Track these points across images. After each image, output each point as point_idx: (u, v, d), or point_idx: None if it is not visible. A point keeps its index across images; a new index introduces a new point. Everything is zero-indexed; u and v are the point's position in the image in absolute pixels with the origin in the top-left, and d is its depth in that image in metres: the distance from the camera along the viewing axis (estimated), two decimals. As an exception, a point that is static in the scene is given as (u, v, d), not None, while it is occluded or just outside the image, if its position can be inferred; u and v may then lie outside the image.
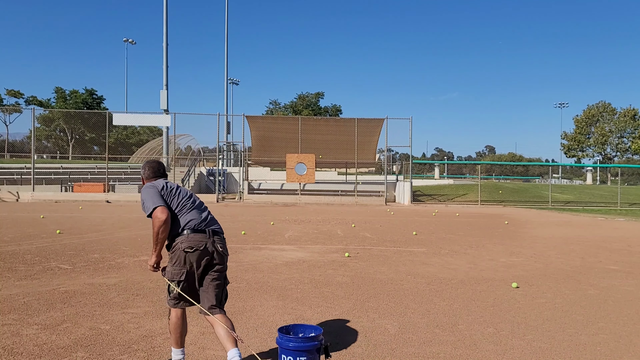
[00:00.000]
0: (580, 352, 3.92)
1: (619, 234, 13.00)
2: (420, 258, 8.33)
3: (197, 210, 3.43)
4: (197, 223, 3.34)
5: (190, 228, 3.31)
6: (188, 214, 3.36)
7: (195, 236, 3.30)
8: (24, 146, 59.50)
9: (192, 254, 3.27)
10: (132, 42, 62.56)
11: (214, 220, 3.50)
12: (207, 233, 3.34)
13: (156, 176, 3.54)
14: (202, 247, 3.29)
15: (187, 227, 3.31)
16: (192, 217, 3.35)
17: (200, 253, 3.29)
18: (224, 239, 3.48)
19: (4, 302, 5.04)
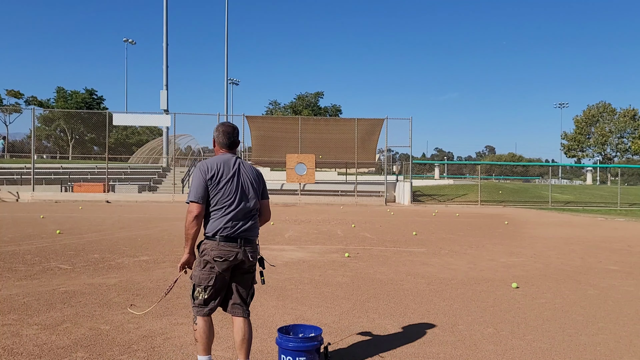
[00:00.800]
0: (580, 352, 3.92)
1: (619, 234, 13.00)
2: (420, 258, 8.33)
3: (238, 212, 3.15)
4: (231, 231, 3.12)
5: (222, 235, 3.11)
6: (226, 217, 3.13)
7: (226, 245, 3.11)
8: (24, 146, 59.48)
9: (221, 263, 3.12)
10: (132, 42, 62.57)
11: (251, 225, 3.22)
12: (238, 242, 3.13)
13: (226, 147, 3.29)
14: (231, 258, 3.12)
15: (220, 233, 3.11)
16: (227, 223, 3.12)
17: (229, 263, 3.14)
18: (255, 246, 3.25)
19: (4, 302, 5.04)
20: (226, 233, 3.11)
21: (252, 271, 3.32)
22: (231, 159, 3.23)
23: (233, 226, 3.13)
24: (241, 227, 3.16)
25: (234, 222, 3.13)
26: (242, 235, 3.15)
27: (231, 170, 3.18)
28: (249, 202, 3.20)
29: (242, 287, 3.29)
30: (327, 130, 29.16)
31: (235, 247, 3.13)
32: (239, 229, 3.15)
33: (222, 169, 3.15)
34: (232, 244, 3.12)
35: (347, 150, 28.41)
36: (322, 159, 28.42)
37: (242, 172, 3.23)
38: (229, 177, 3.15)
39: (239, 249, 3.13)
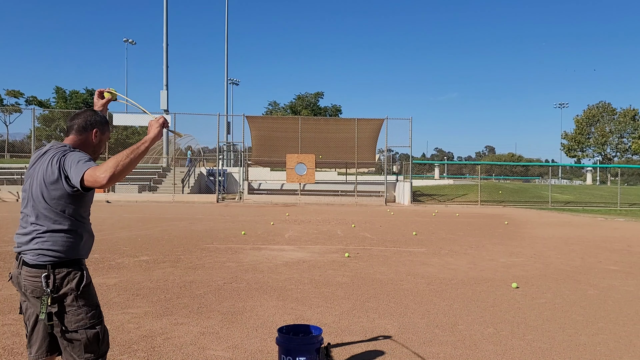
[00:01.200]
0: (580, 352, 3.92)
1: (619, 234, 13.00)
2: (420, 258, 8.33)
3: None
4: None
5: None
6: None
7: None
8: (24, 146, 59.48)
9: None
10: (132, 42, 62.57)
11: (25, 235, 2.37)
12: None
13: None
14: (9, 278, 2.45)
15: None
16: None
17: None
18: (34, 270, 2.31)
19: (4, 302, 5.04)
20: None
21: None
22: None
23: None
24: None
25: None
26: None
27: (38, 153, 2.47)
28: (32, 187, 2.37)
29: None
30: (327, 130, 29.17)
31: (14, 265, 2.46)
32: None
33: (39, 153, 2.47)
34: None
35: (347, 150, 28.41)
36: (322, 159, 28.42)
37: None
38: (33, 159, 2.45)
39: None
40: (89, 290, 2.35)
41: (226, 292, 5.68)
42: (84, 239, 2.39)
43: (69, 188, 2.24)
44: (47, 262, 2.27)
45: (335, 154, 28.84)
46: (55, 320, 2.28)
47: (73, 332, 2.28)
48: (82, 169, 2.16)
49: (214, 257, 7.99)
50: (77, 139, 2.45)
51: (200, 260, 7.73)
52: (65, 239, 2.30)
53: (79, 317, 2.29)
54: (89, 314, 2.32)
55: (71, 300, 2.29)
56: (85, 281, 2.33)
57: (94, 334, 2.31)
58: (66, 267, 2.30)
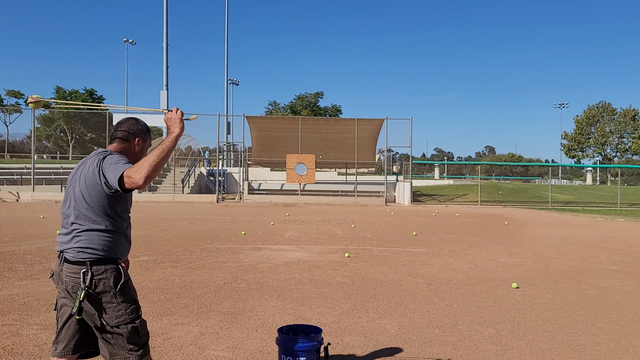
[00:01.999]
0: (580, 352, 3.92)
1: (619, 234, 13.00)
2: (420, 258, 8.33)
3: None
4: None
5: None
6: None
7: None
8: (24, 146, 59.50)
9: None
10: (132, 42, 62.57)
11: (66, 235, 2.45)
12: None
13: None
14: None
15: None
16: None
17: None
18: (74, 267, 2.40)
19: (4, 302, 5.04)
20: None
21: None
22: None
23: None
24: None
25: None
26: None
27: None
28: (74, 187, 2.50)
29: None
30: (327, 130, 29.16)
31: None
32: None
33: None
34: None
35: (347, 150, 28.41)
36: (322, 159, 28.42)
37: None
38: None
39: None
40: (127, 287, 2.46)
41: (226, 292, 5.68)
42: (122, 239, 2.50)
43: (108, 189, 2.35)
44: (86, 259, 2.37)
45: (335, 154, 28.83)
46: (93, 315, 2.38)
47: (115, 327, 2.38)
48: (120, 170, 2.27)
49: (214, 257, 7.99)
50: (120, 147, 2.57)
51: (200, 260, 7.73)
52: (104, 238, 2.41)
53: (119, 314, 2.39)
54: (128, 310, 2.42)
55: (110, 298, 2.39)
56: (124, 279, 2.43)
57: (134, 328, 2.41)
58: (104, 264, 2.40)
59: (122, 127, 2.59)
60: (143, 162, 2.22)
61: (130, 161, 2.48)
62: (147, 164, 2.20)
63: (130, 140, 2.57)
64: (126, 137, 2.57)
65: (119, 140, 2.57)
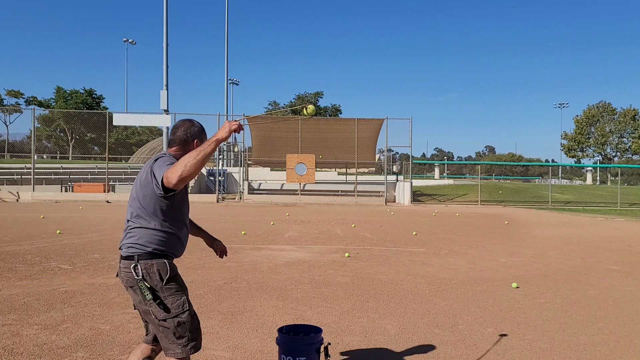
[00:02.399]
0: (580, 352, 3.92)
1: (619, 234, 13.00)
2: (420, 258, 8.33)
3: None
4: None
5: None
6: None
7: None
8: (24, 146, 59.49)
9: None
10: (132, 42, 62.57)
11: (126, 231, 2.58)
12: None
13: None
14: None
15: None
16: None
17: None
18: (126, 262, 2.51)
19: (4, 302, 5.04)
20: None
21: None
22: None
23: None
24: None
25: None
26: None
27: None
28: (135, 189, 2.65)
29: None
30: (327, 130, 29.16)
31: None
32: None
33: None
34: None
35: (347, 150, 28.40)
36: (322, 159, 28.42)
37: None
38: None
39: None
40: (175, 281, 2.51)
41: (226, 292, 5.68)
42: (174, 238, 2.55)
43: (158, 190, 2.41)
44: (134, 254, 2.46)
45: (335, 154, 28.83)
46: (144, 307, 2.46)
47: (162, 320, 2.44)
48: (163, 171, 2.34)
49: (214, 257, 7.99)
50: (180, 150, 2.62)
51: (200, 260, 7.73)
52: (153, 235, 2.48)
53: (167, 307, 2.44)
54: (174, 304, 2.46)
55: (159, 291, 2.46)
56: (171, 273, 2.48)
57: (181, 322, 2.46)
58: (151, 258, 2.47)
59: (179, 131, 2.66)
60: (179, 162, 2.26)
61: None
62: (182, 164, 2.24)
63: (190, 142, 2.64)
64: (185, 141, 2.64)
65: (179, 144, 2.64)
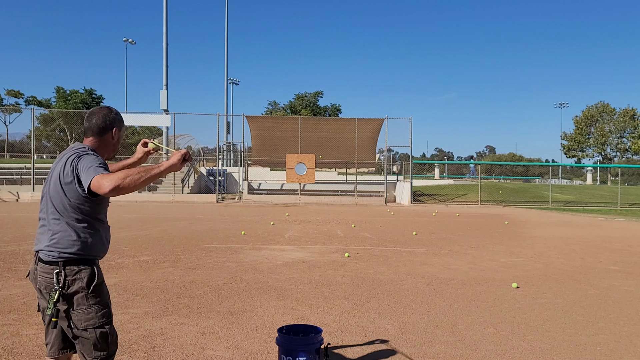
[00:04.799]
0: (580, 352, 3.92)
1: (619, 234, 13.00)
2: (420, 258, 8.33)
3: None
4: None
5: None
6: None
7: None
8: (23, 146, 59.51)
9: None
10: (132, 42, 62.57)
11: (42, 234, 2.39)
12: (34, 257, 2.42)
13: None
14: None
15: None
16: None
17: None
18: (48, 267, 2.33)
19: (4, 302, 5.04)
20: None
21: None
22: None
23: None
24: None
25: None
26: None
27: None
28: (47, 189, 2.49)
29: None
30: (327, 130, 29.16)
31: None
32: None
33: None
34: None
35: (347, 150, 28.40)
36: (322, 159, 28.42)
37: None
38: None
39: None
40: (100, 289, 2.35)
41: (226, 292, 5.68)
42: (98, 239, 2.41)
43: (81, 191, 2.26)
44: (59, 259, 2.29)
45: (335, 154, 28.82)
46: (62, 316, 2.28)
47: (83, 330, 2.28)
48: (92, 174, 2.17)
49: (214, 257, 7.99)
50: (97, 140, 2.46)
51: (200, 260, 7.72)
52: (78, 237, 2.32)
53: (89, 316, 2.29)
54: (99, 313, 2.32)
55: (81, 299, 2.29)
56: (97, 280, 2.34)
57: (103, 334, 2.30)
58: (77, 264, 2.31)
59: (97, 118, 2.45)
60: (121, 172, 2.13)
61: (108, 152, 2.48)
62: (123, 176, 2.10)
63: (108, 131, 2.47)
64: (104, 129, 2.45)
65: (96, 133, 2.45)
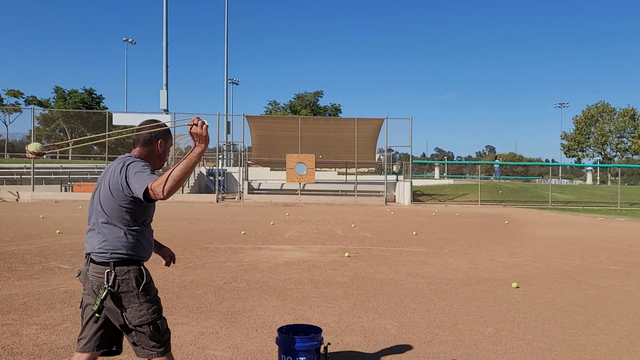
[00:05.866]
0: (580, 352, 3.92)
1: (619, 234, 12.99)
2: (420, 258, 8.33)
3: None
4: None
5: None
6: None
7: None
8: (24, 146, 59.46)
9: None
10: (132, 42, 62.59)
11: (92, 237, 2.57)
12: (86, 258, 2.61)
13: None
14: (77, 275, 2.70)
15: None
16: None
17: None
18: (99, 267, 2.52)
19: (4, 302, 5.04)
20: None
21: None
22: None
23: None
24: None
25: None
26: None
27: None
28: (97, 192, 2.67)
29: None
30: (327, 130, 29.15)
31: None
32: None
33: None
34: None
35: (347, 150, 28.39)
36: (322, 158, 28.41)
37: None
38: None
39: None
40: (149, 288, 2.55)
41: (226, 292, 5.68)
42: (144, 242, 2.59)
43: (131, 197, 2.45)
44: (110, 260, 2.48)
45: (335, 153, 28.82)
46: (116, 313, 2.49)
47: (137, 326, 2.48)
48: (145, 181, 2.34)
49: (214, 257, 7.99)
50: (144, 150, 2.65)
51: (200, 260, 7.72)
52: (126, 240, 2.50)
53: (141, 313, 2.48)
54: (150, 310, 2.51)
55: (133, 297, 2.48)
56: (145, 279, 2.53)
57: (156, 327, 2.51)
58: (127, 265, 2.50)
59: (144, 131, 2.65)
60: (166, 174, 2.27)
61: (155, 163, 2.65)
62: (172, 179, 2.25)
63: (153, 142, 2.64)
64: (149, 141, 2.64)
65: (142, 144, 2.64)
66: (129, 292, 2.48)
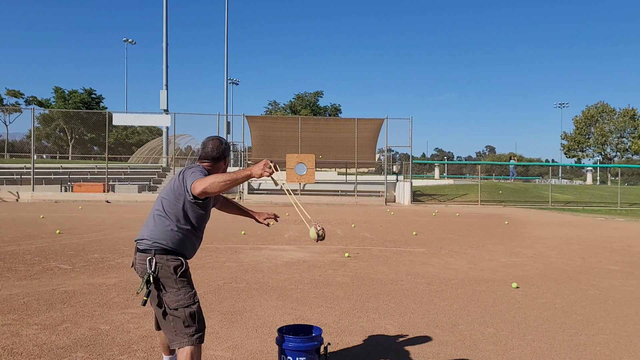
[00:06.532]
0: (580, 352, 3.92)
1: (619, 234, 12.99)
2: (420, 258, 8.33)
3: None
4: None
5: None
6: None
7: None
8: (23, 146, 59.45)
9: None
10: (132, 42, 62.60)
11: (144, 227, 2.89)
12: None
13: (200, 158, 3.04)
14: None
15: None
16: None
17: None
18: (142, 255, 2.80)
19: (4, 302, 5.04)
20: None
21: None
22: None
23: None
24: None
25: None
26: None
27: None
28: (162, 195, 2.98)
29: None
30: (327, 130, 29.16)
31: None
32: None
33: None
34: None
35: (347, 150, 28.39)
36: (322, 159, 28.42)
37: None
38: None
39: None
40: (186, 275, 2.78)
41: (226, 292, 5.68)
42: (189, 241, 2.83)
43: (188, 196, 2.73)
44: (152, 248, 2.74)
45: (335, 154, 28.82)
46: (154, 297, 2.74)
47: (174, 310, 2.69)
48: (194, 178, 2.66)
49: (214, 257, 7.99)
50: (212, 164, 2.97)
51: (200, 260, 7.72)
52: (173, 234, 2.76)
53: (179, 297, 2.71)
54: (187, 295, 2.74)
55: (171, 282, 2.72)
56: (184, 267, 2.77)
57: (192, 313, 2.71)
58: (167, 254, 2.74)
59: (208, 148, 2.97)
60: (210, 177, 2.59)
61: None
62: (210, 181, 2.55)
63: (220, 160, 2.99)
64: (216, 158, 2.97)
65: (211, 160, 2.96)
66: (167, 278, 2.71)
